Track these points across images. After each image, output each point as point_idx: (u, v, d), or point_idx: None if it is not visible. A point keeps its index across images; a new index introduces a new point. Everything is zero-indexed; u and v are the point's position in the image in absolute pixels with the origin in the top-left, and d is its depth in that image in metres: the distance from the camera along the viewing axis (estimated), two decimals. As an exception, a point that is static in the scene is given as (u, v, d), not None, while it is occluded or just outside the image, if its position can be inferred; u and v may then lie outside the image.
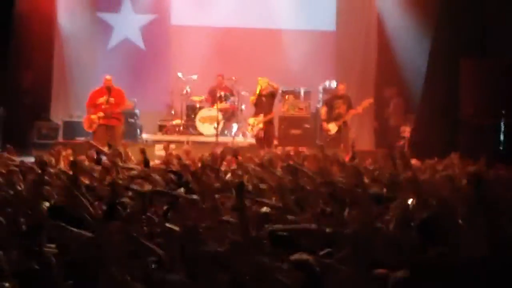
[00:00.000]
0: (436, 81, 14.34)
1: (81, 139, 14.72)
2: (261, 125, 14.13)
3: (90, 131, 13.74)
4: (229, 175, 7.93)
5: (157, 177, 7.05)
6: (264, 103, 14.14)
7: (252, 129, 14.26)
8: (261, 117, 14.13)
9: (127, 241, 4.62)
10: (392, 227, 5.14)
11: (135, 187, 6.30)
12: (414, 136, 14.50)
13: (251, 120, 14.31)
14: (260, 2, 16.58)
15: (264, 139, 14.03)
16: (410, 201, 5.82)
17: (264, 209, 5.87)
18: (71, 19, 16.28)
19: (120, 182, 6.78)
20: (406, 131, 15.06)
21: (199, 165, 8.11)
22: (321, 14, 16.74)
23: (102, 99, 13.60)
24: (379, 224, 5.13)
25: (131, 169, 7.95)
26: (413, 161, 9.60)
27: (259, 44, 16.35)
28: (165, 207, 5.84)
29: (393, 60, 15.93)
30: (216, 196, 6.10)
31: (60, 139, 15.16)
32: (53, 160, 9.22)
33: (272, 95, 14.23)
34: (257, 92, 14.11)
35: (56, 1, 16.08)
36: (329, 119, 14.19)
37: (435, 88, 14.25)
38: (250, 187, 6.70)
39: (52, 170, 7.38)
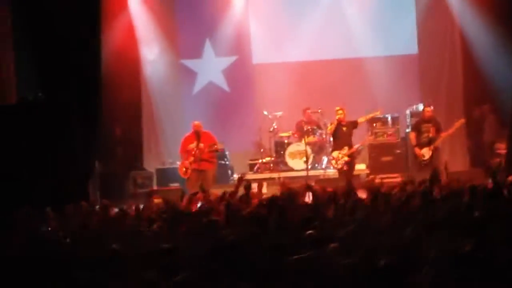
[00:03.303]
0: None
1: (175, 185, 14.99)
2: (346, 158, 13.95)
3: (185, 177, 13.96)
4: None
5: None
6: (344, 133, 13.99)
7: (336, 162, 14.04)
8: (345, 149, 13.94)
9: None
10: None
11: None
12: (510, 152, 14.05)
13: (335, 154, 14.04)
14: (339, 32, 16.55)
15: (348, 172, 13.83)
16: None
17: None
18: (155, 69, 16.71)
19: None
20: (502, 148, 14.62)
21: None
22: (402, 38, 16.60)
23: (192, 145, 13.84)
24: None
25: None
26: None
27: (342, 75, 16.31)
28: None
29: (480, 76, 15.56)
30: None
31: (155, 186, 15.46)
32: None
33: (353, 125, 14.05)
34: (337, 122, 13.93)
35: (140, 53, 16.55)
36: (419, 144, 13.93)
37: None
38: None
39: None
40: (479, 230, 5.60)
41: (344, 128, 13.98)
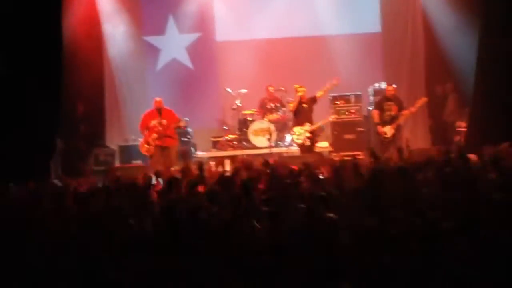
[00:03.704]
0: (487, 71, 14.06)
1: (137, 162, 14.95)
2: (307, 134, 14.08)
3: (147, 154, 13.90)
4: None
5: None
6: (306, 110, 14.10)
7: (298, 138, 14.19)
8: (307, 125, 14.08)
9: None
10: None
11: None
12: (470, 130, 14.26)
13: (297, 129, 14.21)
14: (302, 10, 16.55)
15: (309, 147, 13.99)
16: None
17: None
18: (118, 45, 16.56)
19: None
20: (462, 126, 14.83)
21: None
22: (365, 16, 16.66)
23: (154, 122, 13.76)
24: None
25: None
26: (471, 156, 9.51)
27: (305, 52, 16.35)
28: None
29: (442, 56, 15.75)
30: None
31: (117, 164, 15.40)
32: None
33: (313, 101, 14.16)
34: (298, 99, 14.06)
35: (103, 29, 16.39)
36: (381, 122, 14.05)
37: (486, 78, 13.97)
38: None
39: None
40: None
41: (305, 105, 14.10)
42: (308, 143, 14.06)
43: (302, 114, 14.11)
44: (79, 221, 6.40)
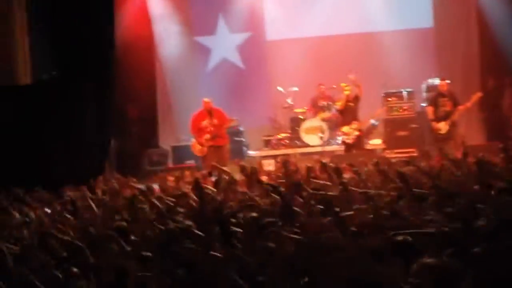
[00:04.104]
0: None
1: (190, 162, 15.03)
2: (357, 132, 13.93)
3: (201, 155, 13.94)
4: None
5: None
6: (352, 109, 13.96)
7: (348, 137, 14.00)
8: (355, 124, 13.93)
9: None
10: None
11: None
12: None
13: (346, 129, 14.01)
14: (352, 7, 16.41)
15: (357, 145, 13.86)
16: None
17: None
18: (169, 46, 16.67)
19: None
20: (520, 121, 14.52)
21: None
22: (417, 12, 16.43)
23: (205, 122, 13.79)
24: None
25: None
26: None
27: (357, 49, 16.19)
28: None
29: (497, 50, 15.42)
30: None
31: (170, 164, 15.50)
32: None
33: (357, 99, 13.98)
34: (345, 98, 13.91)
35: (153, 31, 16.51)
36: (436, 118, 13.83)
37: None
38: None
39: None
40: None
41: (351, 104, 13.95)
42: (356, 141, 13.89)
43: (349, 113, 13.98)
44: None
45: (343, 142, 14.21)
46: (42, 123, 12.48)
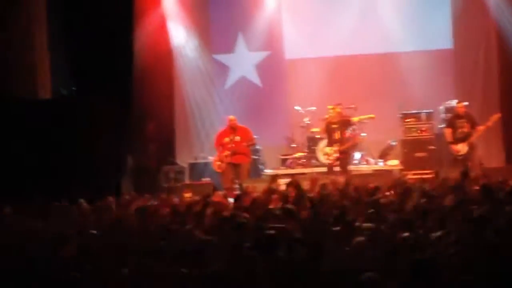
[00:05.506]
0: None
1: (206, 179, 15.02)
2: (336, 155, 13.95)
3: (219, 171, 13.92)
4: None
5: None
6: (334, 130, 14.03)
7: (328, 158, 14.09)
8: (336, 146, 13.97)
9: None
10: None
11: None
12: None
13: (328, 149, 14.19)
14: (372, 26, 16.36)
15: (340, 166, 13.90)
16: None
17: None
18: (188, 63, 16.72)
19: None
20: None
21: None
22: (437, 32, 16.36)
23: (227, 139, 13.80)
24: None
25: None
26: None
27: (375, 69, 16.16)
28: None
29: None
30: None
31: (187, 181, 15.50)
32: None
33: (343, 124, 14.06)
34: (326, 121, 14.17)
35: (173, 48, 16.57)
36: (454, 140, 13.76)
37: None
38: None
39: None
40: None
41: (334, 126, 14.00)
42: (337, 163, 13.94)
43: (332, 135, 14.10)
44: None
45: (323, 163, 14.46)
46: (60, 137, 12.54)
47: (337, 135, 14.04)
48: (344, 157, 14.04)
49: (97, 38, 13.67)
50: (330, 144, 14.20)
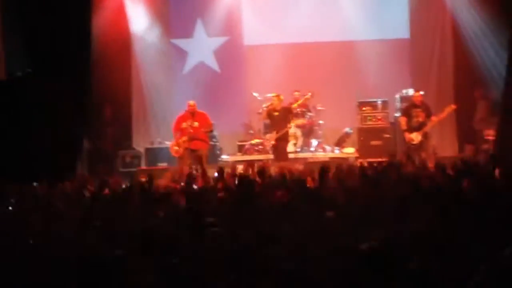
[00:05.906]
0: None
1: (163, 164, 14.99)
2: (273, 142, 14.14)
3: (177, 156, 13.89)
4: None
5: None
6: (275, 118, 14.26)
7: (268, 143, 14.48)
8: (273, 134, 14.19)
9: None
10: None
11: None
12: (499, 139, 14.07)
13: (267, 136, 14.54)
14: (330, 15, 16.47)
15: (274, 155, 14.16)
16: None
17: None
18: (146, 48, 16.62)
19: None
20: (491, 134, 14.64)
21: None
22: (394, 22, 16.53)
23: (185, 124, 13.76)
24: None
25: None
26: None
27: (333, 57, 16.24)
28: None
29: (471, 63, 15.59)
30: None
31: (143, 166, 15.45)
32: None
33: (285, 111, 14.29)
34: (268, 108, 14.45)
35: (131, 32, 16.46)
36: (409, 128, 13.94)
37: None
38: None
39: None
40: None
41: (276, 113, 14.18)
42: (273, 151, 14.31)
43: (274, 122, 14.36)
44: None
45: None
46: (15, 118, 12.41)
47: (277, 123, 14.26)
48: (279, 145, 14.17)
49: (53, 20, 13.49)
50: (269, 131, 14.49)
